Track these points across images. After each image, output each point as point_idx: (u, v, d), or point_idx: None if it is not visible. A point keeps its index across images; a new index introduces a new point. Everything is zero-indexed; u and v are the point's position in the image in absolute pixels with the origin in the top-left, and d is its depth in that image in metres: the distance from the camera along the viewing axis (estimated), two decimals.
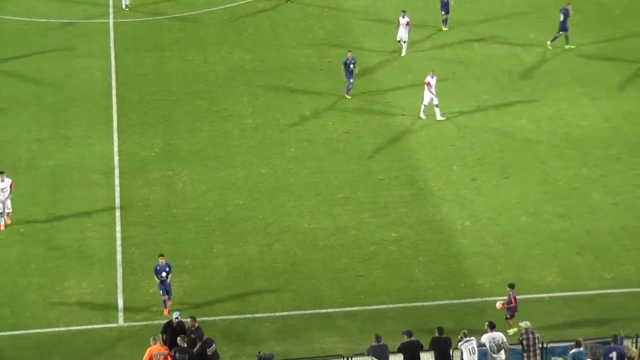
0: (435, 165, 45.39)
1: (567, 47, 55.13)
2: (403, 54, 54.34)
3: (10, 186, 40.37)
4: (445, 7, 57.25)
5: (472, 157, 46.08)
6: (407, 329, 33.06)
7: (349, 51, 50.84)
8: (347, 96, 50.20)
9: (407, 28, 53.88)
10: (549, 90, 51.30)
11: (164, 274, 36.30)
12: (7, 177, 40.71)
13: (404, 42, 54.30)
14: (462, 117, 49.12)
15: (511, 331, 34.88)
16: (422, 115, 48.45)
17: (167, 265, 36.47)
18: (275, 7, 61.09)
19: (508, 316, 35.16)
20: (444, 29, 57.11)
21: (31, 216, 41.78)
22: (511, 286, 35.15)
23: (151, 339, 32.35)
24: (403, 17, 54.00)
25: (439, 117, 48.36)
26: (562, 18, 55.02)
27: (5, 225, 40.03)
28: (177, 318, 33.40)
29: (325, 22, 59.01)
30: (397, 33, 54.31)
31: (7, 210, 40.18)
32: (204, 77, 53.08)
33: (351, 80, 50.11)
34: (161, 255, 36.78)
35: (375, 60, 54.42)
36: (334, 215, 42.04)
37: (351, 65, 49.82)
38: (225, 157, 46.04)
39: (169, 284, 36.49)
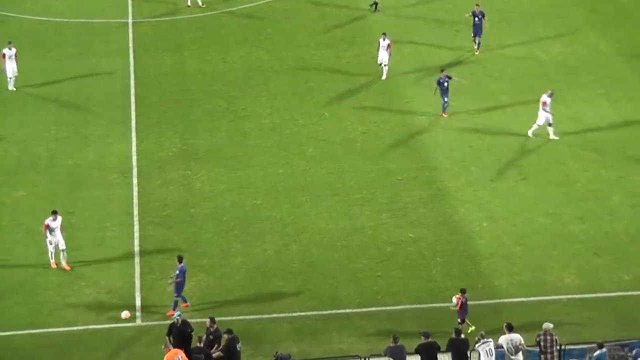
0: (453, 166, 45.33)
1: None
2: (383, 77, 51.63)
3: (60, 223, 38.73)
4: (478, 29, 54.34)
5: (490, 158, 45.99)
6: (425, 329, 33.04)
7: (443, 70, 49.01)
8: (444, 115, 48.34)
9: (388, 50, 51.58)
10: (567, 91, 51.14)
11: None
12: (59, 215, 39.10)
13: (385, 65, 51.49)
14: (480, 117, 49.02)
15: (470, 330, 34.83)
16: (530, 134, 46.59)
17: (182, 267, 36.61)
18: (293, 7, 61.08)
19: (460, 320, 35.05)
20: (476, 52, 54.49)
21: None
22: (463, 291, 35.11)
23: (162, 346, 32.24)
24: (384, 39, 51.32)
25: (552, 137, 46.49)
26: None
27: (69, 266, 38.56)
28: (179, 317, 33.46)
29: (343, 22, 58.98)
30: (377, 56, 51.82)
31: (61, 248, 38.34)
32: (223, 77, 53.14)
33: (446, 99, 48.22)
34: (179, 256, 36.87)
35: (394, 60, 54.24)
36: (352, 216, 42.02)
37: (445, 84, 48.05)
38: (243, 157, 46.08)
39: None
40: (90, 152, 46.48)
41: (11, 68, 50.37)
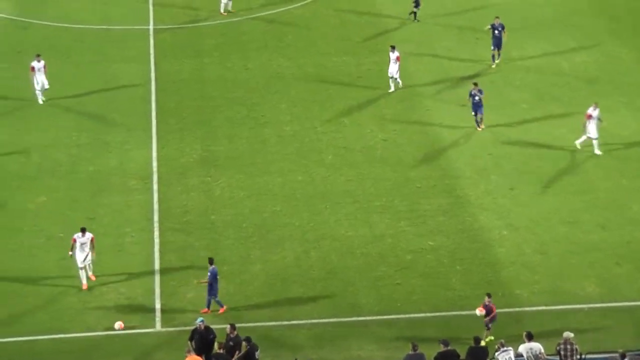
0: (473, 174, 45.28)
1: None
2: (391, 89, 51.29)
3: (92, 241, 38.00)
4: (497, 41, 54.18)
5: (510, 166, 45.92)
6: (444, 337, 32.99)
7: (475, 83, 48.74)
8: (479, 128, 47.93)
9: (397, 63, 51.05)
10: (589, 100, 50.90)
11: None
12: (88, 231, 38.38)
13: (394, 78, 51.07)
14: (500, 125, 48.95)
15: (488, 339, 34.71)
16: (597, 151, 45.96)
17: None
18: (314, 14, 61.18)
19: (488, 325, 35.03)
20: (493, 65, 54.09)
21: (70, 221, 42.01)
22: (488, 295, 35.06)
23: (186, 350, 32.40)
24: (392, 51, 50.93)
25: (597, 152, 46.03)
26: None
27: (87, 285, 37.97)
28: (201, 322, 33.52)
29: (364, 29, 59.03)
30: (388, 69, 51.17)
31: (87, 262, 37.94)
32: (244, 84, 53.25)
33: (480, 113, 47.74)
34: (210, 259, 37.08)
35: (414, 68, 54.34)
36: (371, 223, 42.01)
37: (476, 97, 47.66)
38: (263, 164, 46.14)
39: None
40: (111, 159, 46.63)
41: (40, 81, 50.09)
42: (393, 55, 51.01)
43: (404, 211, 42.71)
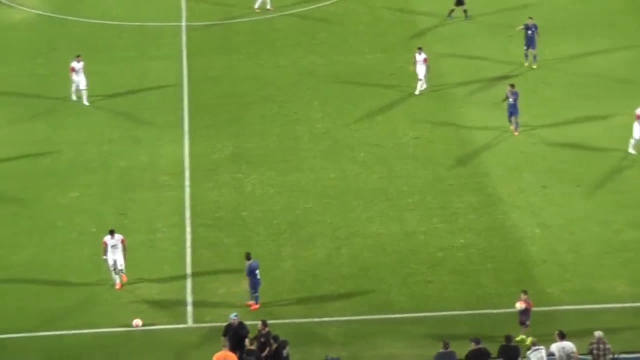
0: (505, 172, 45.11)
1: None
2: (417, 92, 50.56)
3: (122, 242, 37.80)
4: (531, 42, 53.29)
5: (543, 164, 45.72)
6: (475, 335, 32.89)
7: (511, 85, 47.77)
8: (515, 132, 47.25)
9: (425, 65, 50.46)
10: (622, 98, 50.65)
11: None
12: (117, 233, 38.25)
13: (419, 79, 50.29)
14: (533, 123, 48.72)
15: (519, 338, 34.52)
16: (631, 150, 45.50)
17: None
18: (347, 11, 61.09)
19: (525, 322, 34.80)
20: (525, 64, 53.42)
21: (103, 216, 42.25)
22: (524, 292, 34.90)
23: (222, 345, 32.51)
24: (419, 53, 50.12)
25: (631, 151, 45.50)
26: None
27: (121, 284, 37.97)
28: (235, 317, 33.56)
29: (396, 27, 58.90)
30: (413, 71, 50.59)
31: (119, 267, 37.70)
32: (275, 81, 53.28)
33: (514, 117, 47.08)
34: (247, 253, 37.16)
35: (446, 65, 54.20)
36: (403, 221, 41.95)
37: (510, 99, 46.85)
38: (295, 161, 46.17)
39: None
40: (143, 155, 46.80)
41: (78, 81, 49.93)
42: (420, 57, 50.49)
43: (435, 208, 42.62)
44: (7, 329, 36.13)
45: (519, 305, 34.76)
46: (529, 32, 53.51)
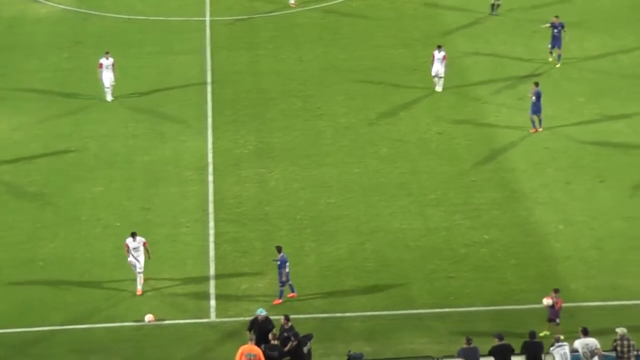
0: (528, 168, 45.01)
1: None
2: (438, 89, 50.32)
3: (144, 244, 37.43)
4: (556, 41, 52.93)
5: (566, 160, 45.59)
6: (498, 331, 32.85)
7: (535, 83, 47.34)
8: (539, 129, 46.99)
9: (444, 62, 49.80)
10: None
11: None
12: (139, 236, 37.80)
13: (440, 77, 50.12)
14: (556, 119, 48.59)
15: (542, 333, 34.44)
16: None
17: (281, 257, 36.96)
18: (370, 6, 61.08)
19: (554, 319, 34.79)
20: (549, 60, 53.19)
21: (126, 211, 42.43)
22: (556, 291, 34.81)
23: (249, 339, 32.60)
24: (439, 51, 49.76)
25: None
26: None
27: (142, 290, 37.55)
28: (261, 314, 33.63)
29: (419, 22, 58.84)
30: (431, 68, 50.26)
31: (138, 270, 37.32)
32: (298, 76, 53.33)
33: (536, 115, 46.99)
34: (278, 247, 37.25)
35: (470, 60, 54.11)
36: (426, 216, 41.93)
37: (534, 97, 46.66)
38: (318, 156, 46.20)
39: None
40: (167, 149, 46.95)
41: (108, 78, 49.78)
42: (439, 55, 50.06)
43: (458, 204, 42.57)
44: (33, 323, 36.34)
45: (545, 301, 34.69)
46: (555, 30, 53.20)
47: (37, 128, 48.65)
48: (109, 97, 50.28)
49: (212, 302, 37.32)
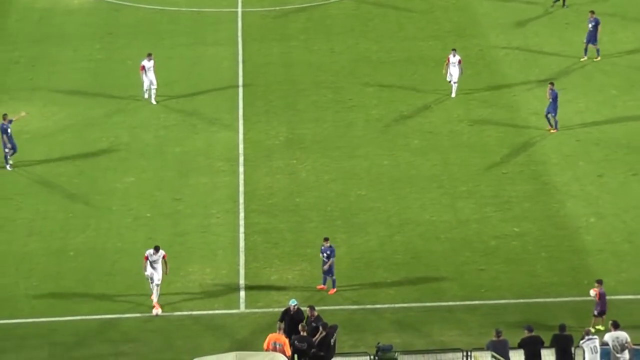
0: (560, 160, 44.80)
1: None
2: (453, 95, 49.27)
3: (163, 257, 36.61)
4: (591, 37, 52.25)
5: (598, 153, 45.34)
6: (528, 324, 32.75)
7: (550, 82, 46.84)
8: (552, 130, 46.25)
9: (459, 67, 48.66)
10: None
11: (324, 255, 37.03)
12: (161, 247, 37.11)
13: (454, 82, 48.96)
14: (589, 111, 48.33)
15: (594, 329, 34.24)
16: None
17: (329, 248, 36.96)
18: None
19: (595, 312, 34.60)
20: (583, 58, 52.37)
21: (157, 201, 42.59)
22: (599, 282, 34.65)
23: (277, 327, 32.69)
24: (454, 55, 48.64)
25: None
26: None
27: (160, 305, 36.56)
28: (294, 305, 33.66)
29: (451, 14, 58.61)
30: (446, 73, 49.14)
31: (156, 282, 36.46)
32: (330, 67, 53.28)
33: (551, 115, 46.30)
34: (325, 238, 37.31)
35: (501, 53, 53.88)
36: (456, 209, 41.83)
37: (549, 98, 45.91)
38: (349, 148, 46.18)
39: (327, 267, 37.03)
40: (198, 140, 47.05)
41: (149, 80, 49.02)
42: (454, 59, 49.01)
43: (489, 197, 42.44)
44: (64, 312, 36.57)
45: (593, 293, 34.58)
46: (590, 26, 52.74)
47: (69, 118, 48.87)
48: (152, 100, 49.40)
49: (242, 293, 37.42)
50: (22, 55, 54.55)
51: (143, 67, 49.18)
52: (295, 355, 32.38)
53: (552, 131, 46.50)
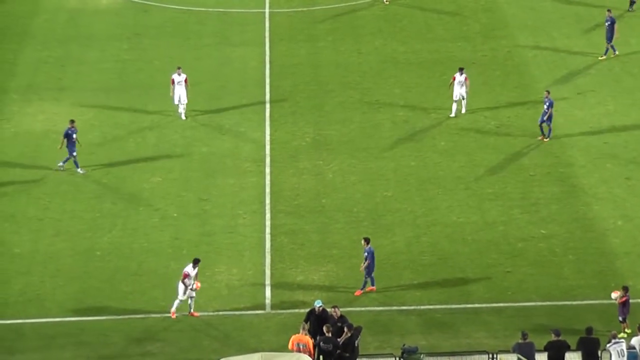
0: (587, 163, 44.61)
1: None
2: (463, 111, 47.96)
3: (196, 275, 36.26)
4: (607, 35, 52.39)
5: (626, 155, 45.12)
6: (555, 327, 32.63)
7: (547, 90, 46.30)
8: (544, 138, 45.90)
9: (466, 84, 47.56)
10: None
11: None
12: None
13: (463, 99, 47.85)
14: (616, 114, 48.11)
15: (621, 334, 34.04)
16: None
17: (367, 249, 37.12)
18: None
19: (620, 319, 34.41)
20: (601, 57, 52.46)
21: (184, 201, 42.69)
22: (625, 289, 34.49)
23: (301, 327, 32.72)
24: (461, 73, 47.64)
25: None
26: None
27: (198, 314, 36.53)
28: (320, 306, 33.66)
29: (479, 15, 58.48)
30: (453, 92, 47.78)
31: (192, 295, 36.24)
32: (357, 68, 53.25)
33: (546, 124, 45.89)
34: (365, 239, 37.39)
35: (530, 55, 53.71)
36: (483, 210, 41.73)
37: (545, 105, 45.55)
38: (376, 149, 46.14)
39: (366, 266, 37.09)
40: (225, 141, 47.13)
41: (178, 94, 47.96)
42: (460, 77, 48.05)
43: (516, 199, 42.32)
44: (90, 312, 36.73)
45: (614, 295, 34.42)
46: (606, 25, 52.69)
47: (96, 118, 49.05)
48: (182, 117, 48.28)
49: (268, 294, 37.46)
50: (50, 55, 54.83)
51: (173, 81, 48.19)
52: (321, 356, 32.38)
53: (544, 140, 46.07)
